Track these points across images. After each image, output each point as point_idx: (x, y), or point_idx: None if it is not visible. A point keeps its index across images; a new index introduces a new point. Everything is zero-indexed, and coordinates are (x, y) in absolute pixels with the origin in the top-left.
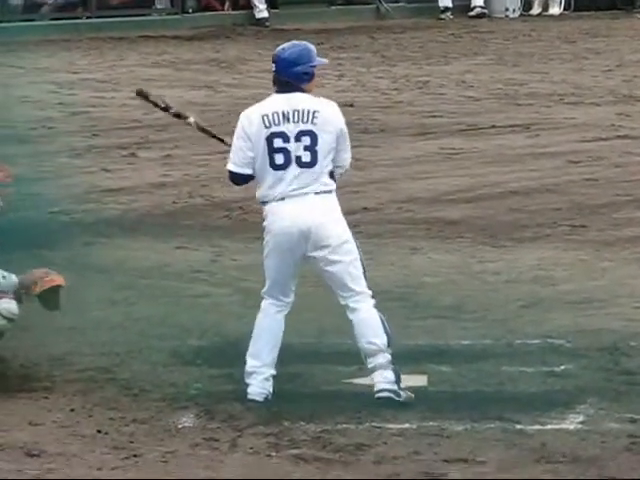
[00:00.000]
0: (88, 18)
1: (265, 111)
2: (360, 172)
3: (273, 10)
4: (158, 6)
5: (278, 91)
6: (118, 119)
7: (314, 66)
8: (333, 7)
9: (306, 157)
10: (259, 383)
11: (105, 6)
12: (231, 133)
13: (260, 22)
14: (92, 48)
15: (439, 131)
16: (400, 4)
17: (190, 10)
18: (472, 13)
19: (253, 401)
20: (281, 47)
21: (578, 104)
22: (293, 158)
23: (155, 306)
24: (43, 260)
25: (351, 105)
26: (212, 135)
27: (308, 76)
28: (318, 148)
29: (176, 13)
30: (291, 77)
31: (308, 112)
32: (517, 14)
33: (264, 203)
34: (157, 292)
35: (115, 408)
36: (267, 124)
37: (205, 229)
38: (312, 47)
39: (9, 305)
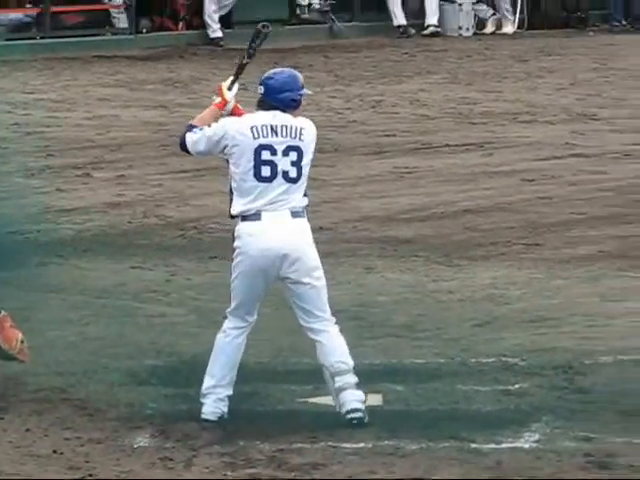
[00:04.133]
0: (42, 38)
1: (254, 123)
2: (315, 191)
3: (227, 30)
4: (116, 25)
5: (263, 110)
6: (72, 139)
7: (301, 94)
8: (287, 27)
9: (293, 172)
10: (213, 403)
11: (59, 26)
12: (183, 153)
13: (214, 42)
14: (46, 68)
15: (393, 150)
16: (353, 23)
17: (144, 30)
18: (426, 32)
19: (207, 421)
20: (270, 72)
21: (532, 122)
22: (280, 172)
23: (110, 326)
24: None
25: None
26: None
27: (295, 103)
28: (303, 164)
29: (130, 33)
30: (278, 102)
31: (296, 128)
32: (471, 33)
33: (240, 218)
34: (112, 312)
35: (70, 428)
36: (255, 135)
37: (160, 249)
38: (299, 75)
39: None
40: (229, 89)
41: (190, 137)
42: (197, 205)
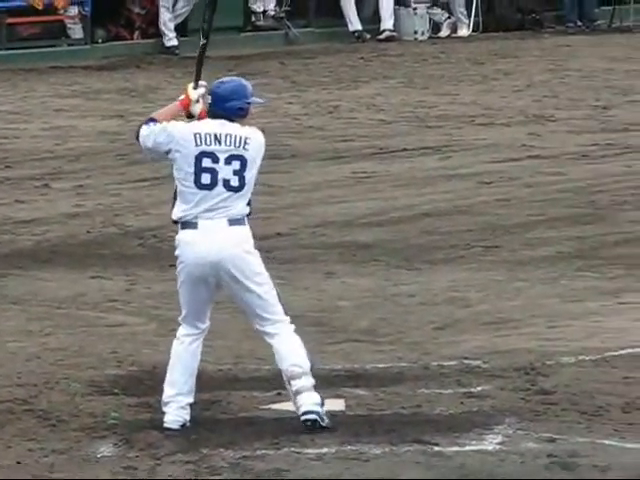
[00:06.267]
0: None
1: (198, 130)
2: (273, 198)
3: (182, 38)
4: (72, 36)
5: (212, 118)
6: (30, 150)
7: (249, 103)
8: (242, 34)
9: (234, 181)
10: (175, 411)
11: (15, 38)
12: (141, 162)
13: (170, 50)
14: (3, 80)
15: (351, 155)
16: (309, 29)
17: (100, 40)
18: (381, 37)
19: (170, 429)
20: (218, 81)
21: (489, 125)
22: (220, 180)
23: (71, 336)
24: None
25: (262, 131)
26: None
27: (243, 111)
28: (246, 174)
29: (86, 43)
30: (225, 111)
31: (240, 138)
32: (426, 37)
33: (179, 224)
34: (73, 322)
35: (34, 439)
36: (198, 142)
37: (119, 258)
38: (248, 83)
39: None
40: (195, 88)
41: (143, 130)
42: (156, 214)
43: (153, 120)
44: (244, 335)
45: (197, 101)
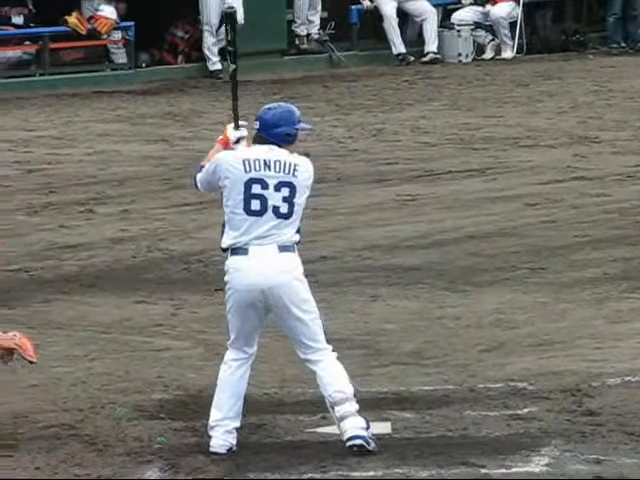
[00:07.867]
0: (42, 75)
1: (247, 156)
2: (318, 221)
3: (226, 62)
4: (115, 60)
5: (260, 144)
6: (74, 175)
7: (297, 129)
8: (286, 57)
9: (284, 208)
10: (221, 435)
11: (59, 63)
12: (186, 186)
13: (213, 74)
14: (46, 105)
15: (395, 178)
16: (352, 52)
17: (143, 64)
18: (425, 59)
19: (216, 454)
20: (265, 107)
21: (533, 147)
22: (270, 206)
23: (117, 361)
24: (2, 318)
25: (307, 155)
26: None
27: (290, 137)
28: (295, 201)
29: (129, 68)
30: (273, 137)
31: (290, 164)
32: (470, 59)
33: (229, 251)
34: (118, 347)
35: (80, 464)
36: (247, 169)
37: (164, 282)
38: (295, 109)
39: None
40: (235, 128)
41: (198, 176)
42: (200, 238)
43: (202, 166)
44: (288, 359)
45: (237, 141)
